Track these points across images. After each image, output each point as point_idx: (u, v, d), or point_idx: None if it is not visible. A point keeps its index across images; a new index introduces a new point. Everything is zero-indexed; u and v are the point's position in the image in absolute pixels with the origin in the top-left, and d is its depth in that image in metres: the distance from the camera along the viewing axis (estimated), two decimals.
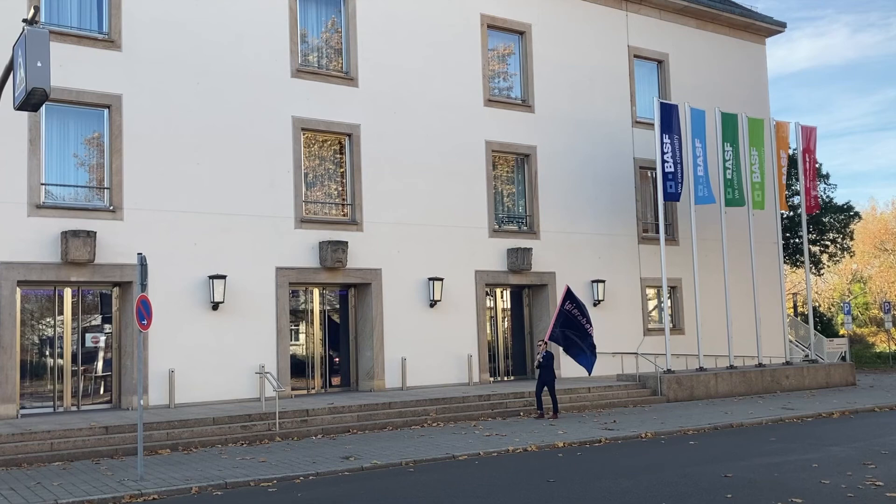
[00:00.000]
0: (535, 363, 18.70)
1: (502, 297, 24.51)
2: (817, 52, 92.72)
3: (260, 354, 19.10)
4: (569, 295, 19.09)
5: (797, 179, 27.28)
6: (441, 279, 21.82)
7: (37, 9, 10.51)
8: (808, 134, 27.35)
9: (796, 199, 33.61)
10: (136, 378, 15.69)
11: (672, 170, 23.06)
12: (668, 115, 23.31)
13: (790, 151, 27.41)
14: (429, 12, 22.75)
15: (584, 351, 19.27)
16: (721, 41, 29.24)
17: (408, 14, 22.38)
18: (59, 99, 17.28)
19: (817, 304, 47.77)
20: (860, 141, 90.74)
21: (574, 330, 19.08)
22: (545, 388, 18.42)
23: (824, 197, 38.19)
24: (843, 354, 30.98)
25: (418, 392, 20.10)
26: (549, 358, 18.41)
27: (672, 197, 23.31)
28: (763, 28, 30.43)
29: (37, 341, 17.95)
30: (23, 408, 17.09)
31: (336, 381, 21.50)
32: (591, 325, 19.33)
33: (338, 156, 21.47)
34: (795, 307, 41.01)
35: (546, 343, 18.84)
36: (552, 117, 24.71)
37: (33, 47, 10.02)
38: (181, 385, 18.02)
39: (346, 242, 20.43)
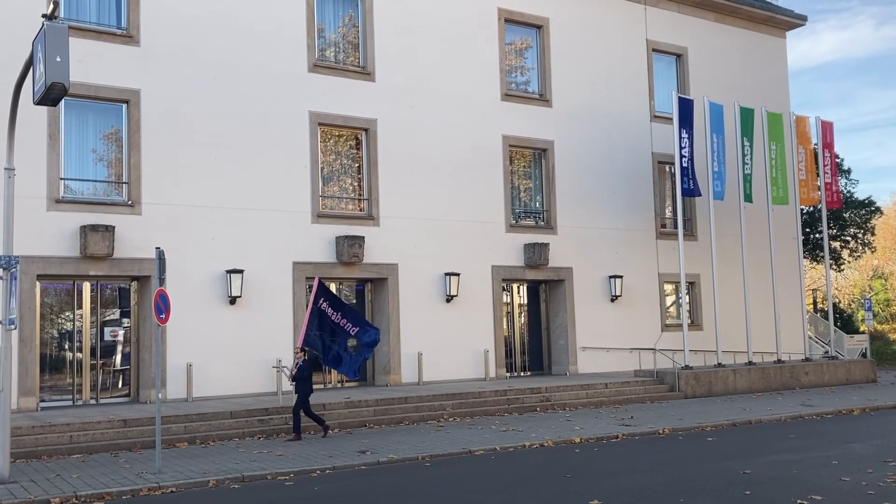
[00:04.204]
0: (290, 375, 15.44)
1: (519, 293, 24.46)
2: (841, 45, 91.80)
3: (277, 349, 19.14)
4: (322, 290, 15.86)
5: (818, 175, 27.03)
6: (458, 274, 21.79)
7: (56, 4, 10.58)
8: (826, 129, 27.11)
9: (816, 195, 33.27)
10: (154, 372, 15.75)
11: (687, 165, 22.89)
12: (687, 110, 23.13)
13: (812, 146, 27.14)
14: (446, 6, 22.69)
15: (340, 355, 15.94)
16: (740, 35, 29.00)
17: (425, 8, 22.34)
18: (78, 94, 17.37)
19: (837, 300, 47.32)
20: (883, 135, 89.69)
21: (329, 332, 15.84)
22: (304, 405, 15.19)
23: (845, 192, 37.79)
24: (864, 351, 30.68)
25: (434, 387, 20.09)
26: (305, 368, 15.18)
27: (688, 193, 23.15)
28: (783, 21, 30.14)
29: (56, 335, 18.09)
30: (42, 401, 17.24)
31: None
32: (353, 324, 15.97)
33: (354, 150, 21.47)
34: (815, 303, 40.65)
35: (304, 351, 15.44)
36: (570, 112, 24.60)
37: (52, 42, 10.09)
38: (199, 379, 18.12)
39: (363, 237, 20.44)
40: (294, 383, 15.29)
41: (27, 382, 16.64)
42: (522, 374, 23.91)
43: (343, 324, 15.90)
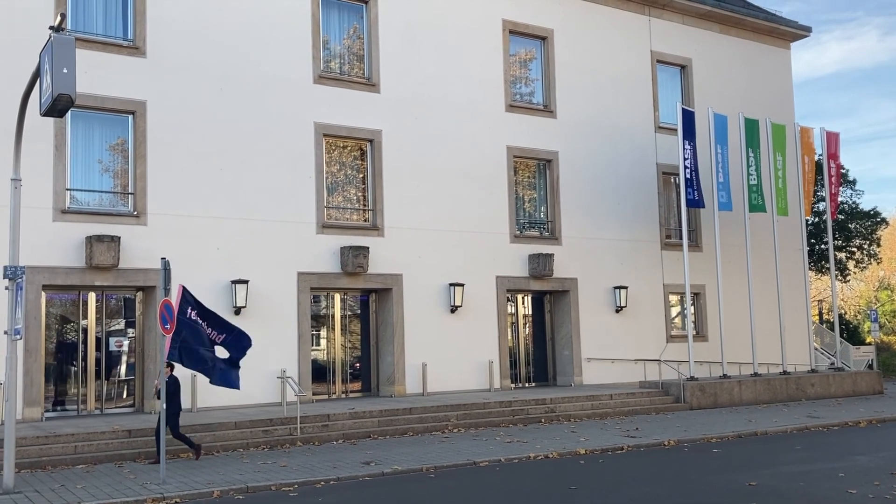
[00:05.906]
0: (155, 392, 14.16)
1: (523, 303, 24.43)
2: (846, 56, 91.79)
3: (282, 358, 19.14)
4: (186, 298, 13.61)
5: (822, 185, 26.99)
6: (462, 285, 21.78)
7: (63, 16, 10.66)
8: (832, 139, 27.09)
9: (821, 206, 33.24)
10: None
11: (691, 176, 22.88)
12: (691, 121, 23.15)
13: (815, 157, 27.10)
14: (450, 18, 22.77)
15: (221, 367, 14.08)
16: (745, 46, 29.03)
17: (429, 20, 22.42)
18: (85, 105, 17.45)
19: (843, 311, 47.14)
20: (888, 145, 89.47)
21: (202, 344, 13.80)
22: (175, 421, 13.94)
23: (850, 203, 37.72)
24: (870, 362, 30.55)
25: (439, 398, 20.05)
26: (171, 385, 13.79)
27: (693, 203, 23.14)
28: (788, 32, 30.17)
29: (61, 345, 18.11)
30: (47, 411, 17.25)
31: (356, 386, 21.52)
32: (221, 333, 14.13)
33: (359, 161, 21.52)
34: (821, 314, 40.49)
35: (171, 366, 13.67)
36: (574, 123, 24.63)
37: (59, 54, 10.16)
38: (203, 389, 18.02)
39: (367, 248, 20.46)
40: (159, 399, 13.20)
41: (32, 393, 16.66)
42: (527, 385, 23.87)
43: (209, 332, 13.94)
